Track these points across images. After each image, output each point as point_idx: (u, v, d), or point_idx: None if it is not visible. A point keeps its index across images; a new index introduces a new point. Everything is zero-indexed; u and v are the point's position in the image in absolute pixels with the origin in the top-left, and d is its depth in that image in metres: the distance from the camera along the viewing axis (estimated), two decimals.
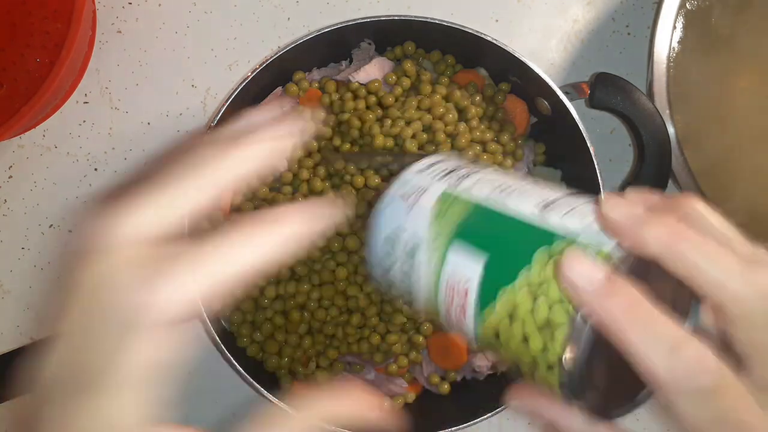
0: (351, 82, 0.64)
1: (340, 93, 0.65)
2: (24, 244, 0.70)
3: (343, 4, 0.72)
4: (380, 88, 0.63)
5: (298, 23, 0.72)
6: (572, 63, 0.73)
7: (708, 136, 0.67)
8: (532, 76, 0.61)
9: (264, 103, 0.65)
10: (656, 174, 0.60)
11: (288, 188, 0.63)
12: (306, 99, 0.65)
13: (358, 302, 0.58)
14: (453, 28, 0.60)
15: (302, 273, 0.59)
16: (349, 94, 0.64)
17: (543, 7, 0.73)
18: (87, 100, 0.71)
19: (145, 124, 0.71)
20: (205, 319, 0.58)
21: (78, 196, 0.70)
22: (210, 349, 0.68)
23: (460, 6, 0.73)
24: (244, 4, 0.72)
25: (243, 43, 0.72)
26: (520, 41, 0.72)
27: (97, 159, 0.71)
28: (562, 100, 0.60)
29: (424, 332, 0.61)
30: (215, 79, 0.72)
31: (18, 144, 0.71)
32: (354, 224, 0.59)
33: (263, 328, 0.61)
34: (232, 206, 0.63)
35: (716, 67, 0.68)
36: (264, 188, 0.62)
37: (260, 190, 0.62)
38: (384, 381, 0.64)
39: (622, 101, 0.60)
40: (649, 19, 0.71)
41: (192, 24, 0.72)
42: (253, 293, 0.60)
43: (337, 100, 0.64)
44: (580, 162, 0.61)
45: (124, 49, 0.72)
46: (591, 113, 0.64)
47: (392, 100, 0.63)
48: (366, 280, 0.59)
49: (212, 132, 0.60)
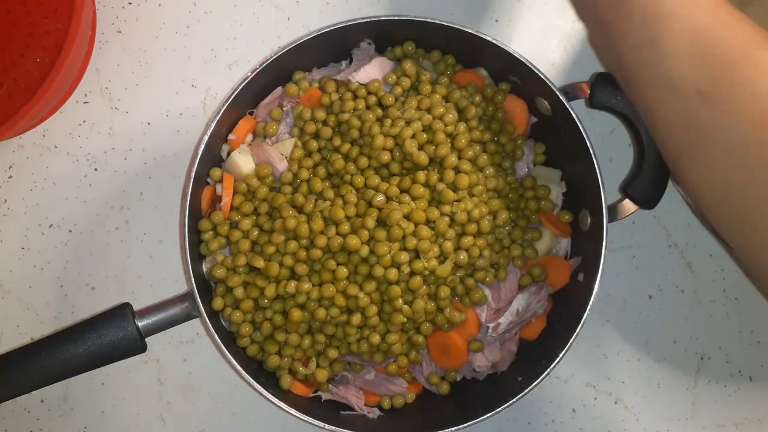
0: (351, 82, 0.64)
1: (340, 93, 0.65)
2: (24, 244, 0.70)
3: (343, 4, 0.72)
4: (380, 88, 0.63)
5: (298, 23, 0.72)
6: (572, 63, 0.73)
7: None
8: (532, 76, 0.61)
9: (264, 103, 0.65)
10: (656, 174, 0.60)
11: (288, 188, 0.63)
12: (306, 99, 0.65)
13: (358, 302, 0.58)
14: (453, 28, 0.60)
15: (302, 273, 0.59)
16: (349, 94, 0.64)
17: (543, 7, 0.73)
18: (87, 100, 0.71)
19: (145, 123, 0.71)
20: (205, 319, 0.58)
21: (78, 196, 0.71)
22: (210, 349, 0.69)
23: (460, 6, 0.73)
24: (244, 4, 0.72)
25: (243, 43, 0.72)
26: (520, 41, 0.72)
27: (97, 159, 0.71)
28: (562, 100, 0.60)
29: (423, 332, 0.61)
30: (215, 79, 0.72)
31: (18, 144, 0.71)
32: (354, 223, 0.59)
33: (263, 327, 0.61)
34: (233, 207, 0.63)
35: None
36: (264, 188, 0.62)
37: (260, 191, 0.62)
38: (384, 381, 0.64)
39: (622, 101, 0.60)
40: None
41: (192, 24, 0.72)
42: (253, 293, 0.60)
43: (337, 100, 0.64)
44: (580, 162, 0.61)
45: (124, 48, 0.72)
46: (591, 113, 0.64)
47: (392, 100, 0.63)
48: (366, 279, 0.59)
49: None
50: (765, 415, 0.71)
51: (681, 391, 0.71)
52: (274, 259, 0.60)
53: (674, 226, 0.72)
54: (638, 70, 0.50)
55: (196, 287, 0.59)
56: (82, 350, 0.56)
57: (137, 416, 0.69)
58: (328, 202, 0.60)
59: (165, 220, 0.70)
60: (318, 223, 0.59)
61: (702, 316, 0.72)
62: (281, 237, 0.59)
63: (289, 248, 0.59)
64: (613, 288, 0.72)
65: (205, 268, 0.63)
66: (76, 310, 0.70)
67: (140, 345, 0.58)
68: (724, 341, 0.72)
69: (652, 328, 0.72)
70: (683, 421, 0.71)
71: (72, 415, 0.69)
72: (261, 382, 0.59)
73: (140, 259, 0.70)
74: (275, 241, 0.59)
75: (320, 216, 0.59)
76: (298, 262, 0.59)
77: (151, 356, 0.70)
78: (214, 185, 0.64)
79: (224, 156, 0.65)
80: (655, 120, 0.50)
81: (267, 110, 0.66)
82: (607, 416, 0.70)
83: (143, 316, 0.58)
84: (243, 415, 0.70)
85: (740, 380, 0.72)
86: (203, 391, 0.70)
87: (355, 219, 0.59)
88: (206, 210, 0.63)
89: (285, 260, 0.59)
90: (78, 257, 0.70)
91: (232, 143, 0.64)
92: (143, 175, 0.71)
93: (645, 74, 0.49)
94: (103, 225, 0.70)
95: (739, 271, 0.72)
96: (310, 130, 0.64)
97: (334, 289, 0.59)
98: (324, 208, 0.59)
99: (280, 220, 0.60)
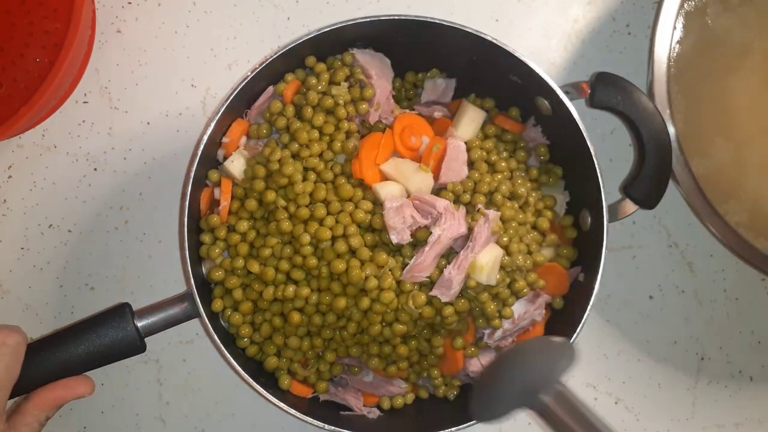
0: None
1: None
2: (24, 244, 0.70)
3: (343, 4, 0.72)
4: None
5: (298, 23, 0.72)
6: (573, 63, 0.73)
7: (709, 136, 0.67)
8: (532, 75, 0.61)
9: (257, 104, 0.64)
10: (656, 174, 0.60)
11: (306, 198, 0.62)
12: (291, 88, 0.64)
13: (353, 314, 0.59)
14: (453, 28, 0.60)
15: (298, 278, 0.59)
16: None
17: (543, 7, 0.73)
18: (87, 100, 0.71)
19: (145, 123, 0.71)
20: (205, 319, 0.58)
21: (77, 196, 0.70)
22: (209, 349, 0.69)
23: (460, 6, 0.72)
24: (244, 4, 0.72)
25: (243, 43, 0.72)
26: (520, 41, 0.72)
27: (96, 159, 0.71)
28: (562, 99, 0.60)
29: (435, 350, 0.62)
30: (215, 79, 0.72)
31: (17, 144, 0.71)
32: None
33: (262, 329, 0.61)
34: (231, 211, 0.62)
35: (717, 66, 0.68)
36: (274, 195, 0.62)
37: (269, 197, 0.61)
38: (382, 382, 0.63)
39: (623, 101, 0.59)
40: (649, 19, 0.71)
41: (192, 24, 0.72)
42: (252, 295, 0.60)
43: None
44: (580, 162, 0.61)
45: (124, 48, 0.71)
46: (591, 113, 0.64)
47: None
48: (360, 293, 0.59)
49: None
50: (765, 415, 0.71)
51: (681, 392, 0.71)
52: (270, 264, 0.59)
53: (674, 226, 0.72)
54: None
55: (196, 287, 0.58)
56: (81, 350, 0.56)
57: (137, 416, 0.69)
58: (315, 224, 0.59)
59: (165, 220, 0.70)
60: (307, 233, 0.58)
61: (702, 316, 0.72)
62: (275, 240, 0.59)
63: (285, 253, 0.59)
64: (613, 288, 0.71)
65: (204, 269, 0.63)
66: (76, 310, 0.70)
67: (140, 345, 0.58)
68: (725, 341, 0.72)
69: (652, 328, 0.72)
70: (683, 421, 0.71)
71: (71, 415, 0.69)
72: (260, 382, 0.58)
73: (140, 259, 0.70)
74: (270, 243, 0.59)
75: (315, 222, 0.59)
76: (295, 267, 0.59)
77: (151, 356, 0.69)
78: (212, 187, 0.64)
79: (220, 159, 0.64)
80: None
81: (258, 111, 0.65)
82: (608, 416, 0.69)
83: (143, 316, 0.58)
84: (243, 415, 0.70)
85: (741, 380, 0.72)
86: (203, 392, 0.70)
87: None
88: (205, 211, 0.63)
89: (281, 265, 0.59)
90: (77, 257, 0.70)
91: (226, 146, 0.63)
92: (143, 175, 0.71)
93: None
94: (103, 225, 0.70)
95: (740, 271, 0.72)
96: (281, 125, 0.63)
97: (332, 296, 0.58)
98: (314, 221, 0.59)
99: (274, 222, 0.60)
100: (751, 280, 0.73)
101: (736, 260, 0.69)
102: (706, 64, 0.67)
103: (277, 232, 0.59)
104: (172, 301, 0.59)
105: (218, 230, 0.61)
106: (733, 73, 0.68)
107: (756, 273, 0.68)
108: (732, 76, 0.68)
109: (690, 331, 0.72)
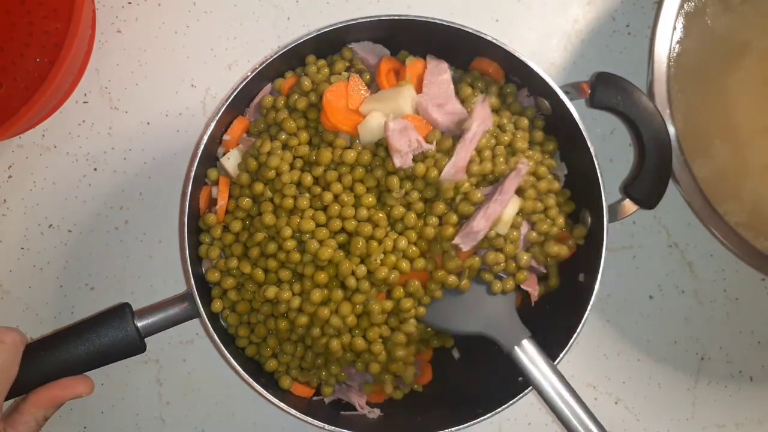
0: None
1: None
2: (24, 244, 0.70)
3: (343, 4, 0.72)
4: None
5: (298, 23, 0.72)
6: (572, 63, 0.73)
7: (709, 136, 0.67)
8: (532, 75, 0.61)
9: (254, 103, 0.64)
10: (656, 174, 0.60)
11: (292, 189, 0.62)
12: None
13: (341, 329, 0.59)
14: (453, 28, 0.60)
15: (285, 278, 0.59)
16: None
17: (543, 7, 0.73)
18: (86, 100, 0.71)
19: (145, 123, 0.71)
20: (205, 319, 0.58)
21: (77, 196, 0.70)
22: (209, 349, 0.69)
23: (460, 6, 0.72)
24: (244, 4, 0.72)
25: (243, 43, 0.72)
26: (520, 41, 0.72)
27: (96, 159, 0.71)
28: (562, 99, 0.60)
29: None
30: (215, 79, 0.72)
31: (17, 144, 0.71)
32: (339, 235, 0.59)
33: (257, 330, 0.61)
34: (227, 211, 0.62)
35: (717, 66, 0.68)
36: (262, 187, 0.62)
37: (256, 189, 0.61)
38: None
39: (623, 101, 0.59)
40: (649, 19, 0.71)
41: (192, 24, 0.72)
42: (247, 295, 0.60)
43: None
44: (580, 162, 0.61)
45: (124, 48, 0.71)
46: (591, 113, 0.64)
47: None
48: (351, 311, 0.59)
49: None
50: (765, 415, 0.71)
51: (681, 392, 0.71)
52: (260, 264, 0.59)
53: (674, 226, 0.72)
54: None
55: (196, 287, 0.58)
56: (81, 350, 0.56)
57: (137, 416, 0.69)
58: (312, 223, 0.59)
59: (165, 220, 0.70)
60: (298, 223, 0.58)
61: (702, 316, 0.72)
62: (262, 235, 0.59)
63: (269, 249, 0.59)
64: (613, 288, 0.71)
65: (203, 269, 0.63)
66: (76, 310, 0.70)
67: (140, 345, 0.58)
68: (725, 341, 0.72)
69: (652, 328, 0.72)
70: (683, 421, 0.71)
71: (71, 415, 0.69)
72: (261, 382, 0.58)
73: (140, 259, 0.70)
74: (257, 240, 0.59)
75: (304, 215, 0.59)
76: (283, 267, 0.59)
77: (151, 356, 0.69)
78: (211, 186, 0.64)
79: (220, 156, 0.64)
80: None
81: (257, 108, 0.65)
82: (608, 416, 0.70)
83: (143, 316, 0.58)
84: (243, 415, 0.70)
85: (741, 381, 0.72)
86: (203, 392, 0.70)
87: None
88: (204, 210, 0.63)
89: (269, 264, 0.59)
90: (77, 257, 0.70)
91: (226, 144, 0.63)
92: (143, 175, 0.71)
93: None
94: (103, 225, 0.70)
95: (740, 271, 0.72)
96: (270, 119, 0.63)
97: (317, 301, 0.58)
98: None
99: (258, 217, 0.59)
100: (751, 280, 0.73)
101: (736, 260, 0.69)
102: (706, 64, 0.67)
103: (263, 227, 0.59)
104: (172, 301, 0.59)
105: (214, 230, 0.61)
106: (733, 73, 0.68)
107: (756, 273, 0.68)
108: (732, 76, 0.68)
109: (690, 331, 0.72)
